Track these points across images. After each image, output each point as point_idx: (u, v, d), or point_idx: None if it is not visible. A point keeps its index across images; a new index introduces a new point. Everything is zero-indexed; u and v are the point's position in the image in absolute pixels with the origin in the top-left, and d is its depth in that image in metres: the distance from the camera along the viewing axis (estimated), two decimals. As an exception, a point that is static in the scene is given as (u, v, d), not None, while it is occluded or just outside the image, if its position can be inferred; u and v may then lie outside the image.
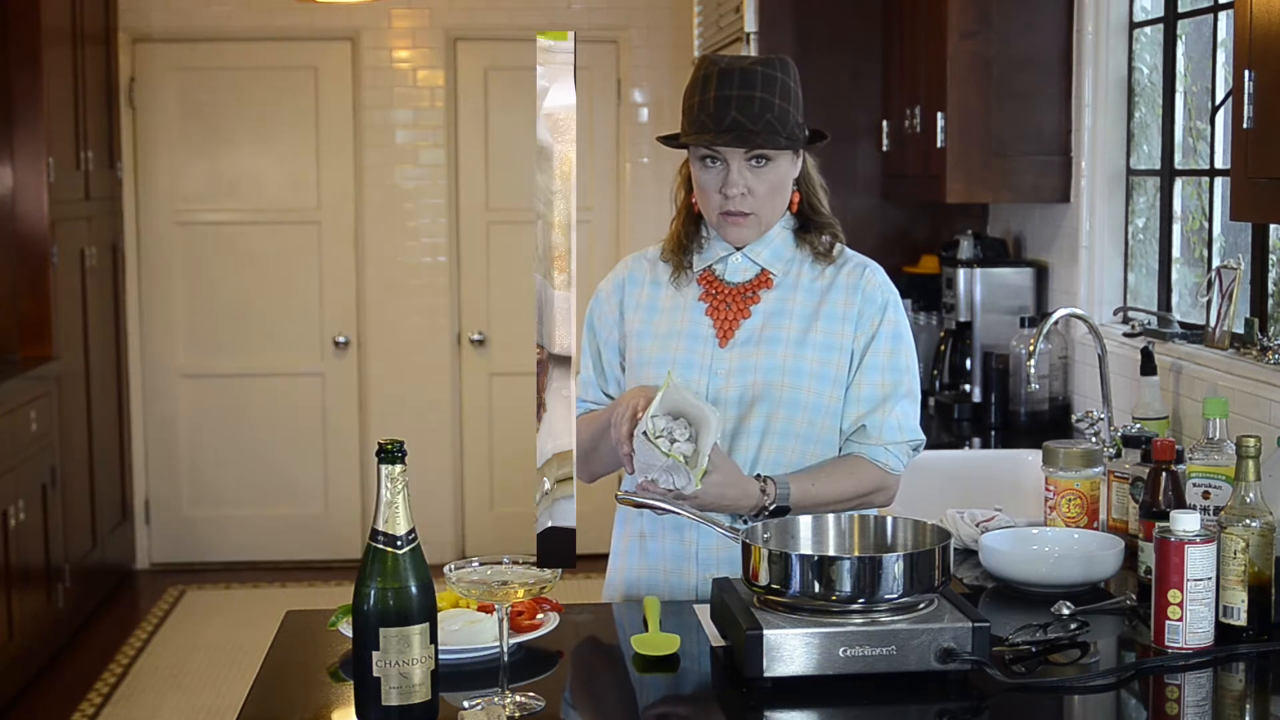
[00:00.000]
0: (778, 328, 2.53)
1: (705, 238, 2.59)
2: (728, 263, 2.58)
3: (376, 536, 1.92)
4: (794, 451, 2.51)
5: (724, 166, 2.48)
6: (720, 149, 2.46)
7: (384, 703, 1.89)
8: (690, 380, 2.51)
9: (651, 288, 2.62)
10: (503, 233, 6.80)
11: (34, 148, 5.51)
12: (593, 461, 2.59)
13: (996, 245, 4.63)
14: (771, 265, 2.56)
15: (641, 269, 2.65)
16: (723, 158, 2.48)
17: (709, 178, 2.51)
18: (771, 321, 2.54)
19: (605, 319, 2.66)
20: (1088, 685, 2.13)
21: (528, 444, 6.85)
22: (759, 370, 2.50)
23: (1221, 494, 2.52)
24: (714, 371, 2.52)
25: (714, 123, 2.45)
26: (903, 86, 4.66)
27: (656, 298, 2.61)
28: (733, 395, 2.51)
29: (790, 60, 2.53)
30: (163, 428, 6.76)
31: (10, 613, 4.97)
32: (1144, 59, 4.11)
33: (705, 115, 2.45)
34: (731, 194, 2.48)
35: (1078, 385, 4.19)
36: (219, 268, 6.72)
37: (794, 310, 2.54)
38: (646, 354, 2.57)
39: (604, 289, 2.69)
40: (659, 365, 2.53)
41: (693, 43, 6.01)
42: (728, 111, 2.44)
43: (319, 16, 6.56)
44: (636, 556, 2.61)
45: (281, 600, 6.04)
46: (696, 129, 2.47)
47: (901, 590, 2.08)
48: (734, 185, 2.47)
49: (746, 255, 2.56)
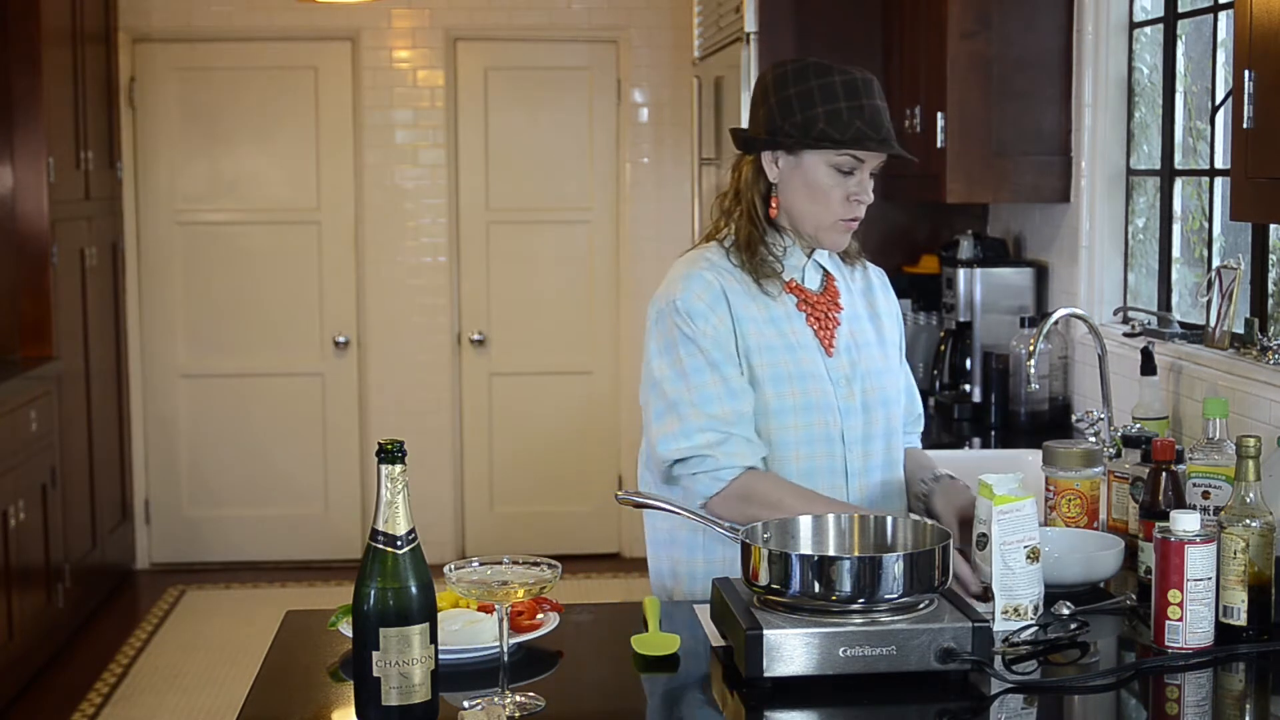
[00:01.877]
0: (861, 331, 2.62)
1: (785, 245, 2.57)
2: (805, 271, 2.60)
3: (376, 536, 1.92)
4: (898, 448, 2.66)
5: (858, 174, 2.51)
6: (865, 156, 2.50)
7: (384, 703, 1.89)
8: (820, 391, 2.54)
9: (747, 298, 2.54)
10: (503, 233, 6.80)
11: (34, 148, 5.51)
12: (766, 517, 2.35)
13: (996, 245, 4.63)
14: (832, 269, 2.64)
15: (727, 277, 2.54)
16: (860, 166, 2.50)
17: (838, 184, 2.50)
18: (854, 326, 2.62)
19: (719, 332, 2.49)
20: (1088, 685, 2.13)
21: (528, 444, 6.86)
22: (868, 376, 2.59)
23: (1221, 494, 2.52)
24: (834, 381, 2.55)
25: (874, 131, 2.48)
26: (903, 86, 4.65)
27: (755, 308, 2.54)
28: (856, 402, 2.56)
29: None
30: (163, 428, 6.76)
31: (10, 613, 4.97)
32: (1144, 59, 4.11)
33: (860, 122, 2.47)
34: (864, 200, 2.52)
35: (1078, 385, 4.19)
36: (219, 268, 6.72)
37: (859, 313, 2.65)
38: (780, 369, 2.51)
39: (699, 302, 2.49)
40: (796, 381, 2.52)
41: (693, 43, 6.01)
42: (882, 121, 2.50)
43: (319, 16, 6.56)
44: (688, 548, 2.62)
45: (281, 600, 6.04)
46: (855, 135, 2.47)
47: (902, 590, 2.08)
48: (867, 192, 2.52)
49: (816, 261, 2.61)
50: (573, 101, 6.79)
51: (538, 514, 6.83)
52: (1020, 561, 2.28)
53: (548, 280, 6.81)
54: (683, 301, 2.50)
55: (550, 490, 6.80)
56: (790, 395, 2.51)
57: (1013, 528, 2.29)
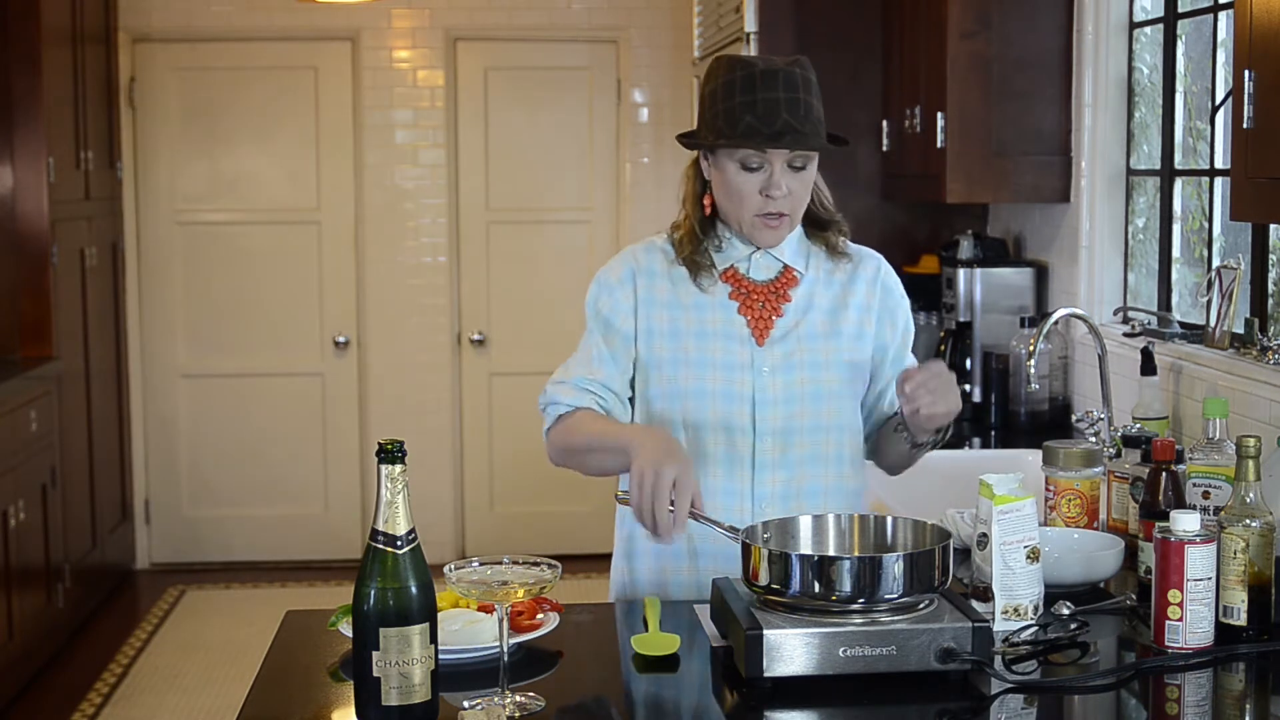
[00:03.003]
0: (812, 323, 2.56)
1: (723, 237, 2.57)
2: (752, 260, 2.57)
3: (376, 536, 1.92)
4: (846, 444, 2.59)
5: (767, 170, 2.46)
6: (767, 152, 2.44)
7: (384, 703, 1.89)
8: (735, 380, 2.52)
9: (670, 283, 2.57)
10: (503, 233, 6.80)
11: (34, 148, 5.51)
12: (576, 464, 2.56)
13: (996, 245, 4.63)
14: (794, 262, 2.58)
15: (655, 262, 2.59)
16: (767, 161, 2.45)
17: (747, 181, 2.47)
18: (805, 318, 2.56)
19: (619, 307, 2.58)
20: (1088, 685, 2.13)
21: (528, 444, 6.83)
22: (804, 366, 2.53)
23: (1221, 494, 2.52)
24: (757, 370, 2.53)
25: (764, 125, 2.42)
26: (903, 86, 4.66)
27: (678, 294, 2.57)
28: (779, 393, 2.52)
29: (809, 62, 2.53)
30: (163, 428, 6.76)
31: (10, 613, 4.97)
32: (1144, 59, 4.11)
33: (752, 117, 2.42)
34: (776, 195, 2.46)
35: (1078, 385, 4.19)
36: (219, 268, 6.72)
37: (821, 305, 2.58)
38: (681, 353, 2.54)
39: (611, 276, 2.61)
40: (698, 366, 2.52)
41: (693, 43, 6.01)
42: (778, 114, 2.41)
43: (319, 16, 6.56)
44: (640, 558, 2.62)
45: (281, 600, 6.04)
46: (744, 132, 2.42)
47: (902, 590, 2.08)
48: (778, 188, 2.46)
49: (769, 253, 2.57)
50: (573, 101, 6.79)
51: (538, 514, 6.83)
52: (1020, 561, 2.28)
53: (548, 280, 6.81)
54: (599, 274, 2.64)
55: (550, 490, 6.79)
56: (690, 379, 2.51)
57: (1013, 528, 2.29)
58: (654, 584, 2.59)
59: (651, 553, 2.59)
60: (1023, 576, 2.28)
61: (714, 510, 2.45)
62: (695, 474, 2.35)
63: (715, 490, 2.52)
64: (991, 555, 2.28)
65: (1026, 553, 2.29)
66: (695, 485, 2.30)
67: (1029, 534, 2.29)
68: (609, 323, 2.60)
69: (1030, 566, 2.29)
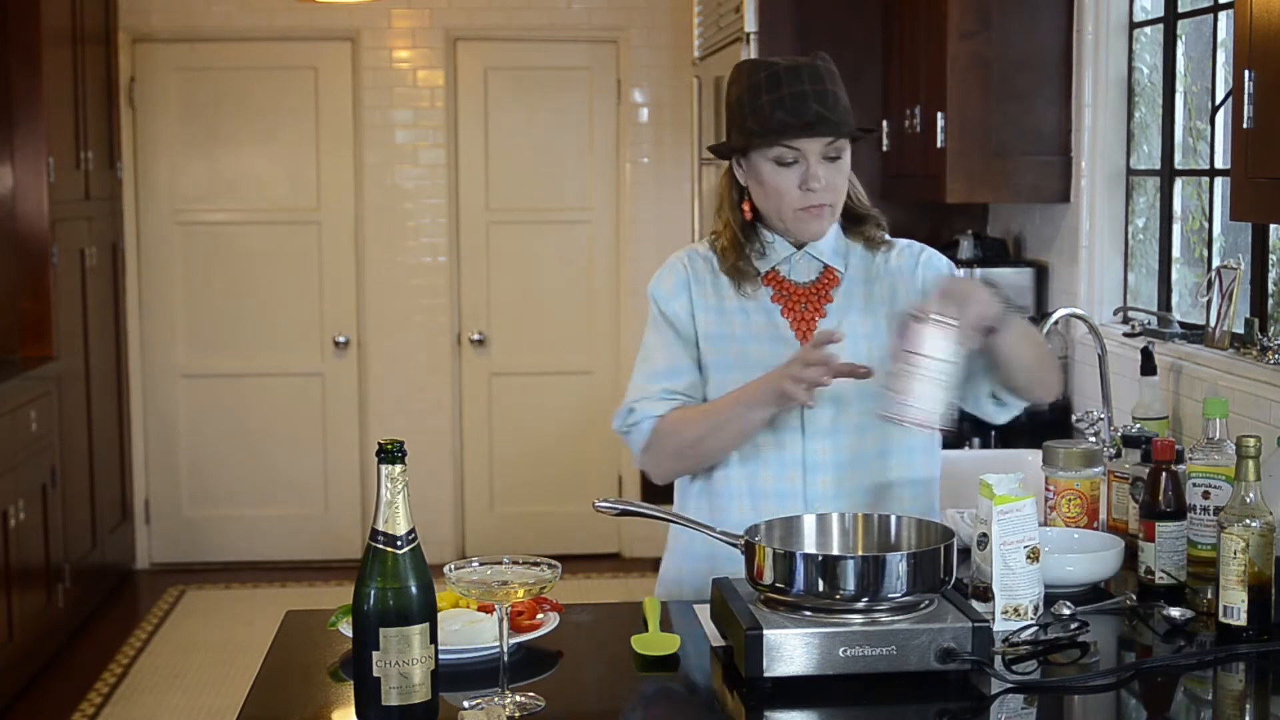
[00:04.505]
0: (853, 324, 2.54)
1: (765, 241, 2.57)
2: (792, 263, 2.57)
3: (376, 536, 1.92)
4: (892, 440, 2.55)
5: (803, 163, 2.47)
6: (800, 145, 2.44)
7: (384, 703, 1.89)
8: None
9: (715, 288, 2.58)
10: (503, 233, 6.80)
11: (34, 148, 5.51)
12: (695, 455, 2.54)
13: (996, 245, 4.63)
14: (834, 261, 2.58)
15: (701, 268, 2.60)
16: (801, 154, 2.46)
17: (785, 177, 2.48)
18: (846, 318, 2.55)
19: (679, 315, 2.58)
20: (1088, 685, 2.13)
21: (528, 444, 6.86)
22: None
23: (1221, 494, 2.52)
24: None
25: (796, 117, 2.43)
26: (903, 86, 4.65)
27: (723, 299, 2.57)
28: (825, 393, 2.49)
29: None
30: (163, 428, 6.76)
31: (10, 613, 4.97)
32: (1144, 59, 4.11)
33: (782, 112, 2.43)
34: (816, 187, 2.47)
35: (1078, 385, 4.19)
36: (219, 268, 6.72)
37: (863, 304, 2.57)
38: (727, 357, 2.54)
39: (665, 286, 2.60)
40: (741, 370, 2.51)
41: (693, 43, 6.01)
42: (808, 106, 2.43)
43: (319, 16, 6.56)
44: (690, 559, 2.61)
45: (281, 600, 6.04)
46: (776, 127, 2.44)
47: (905, 589, 2.08)
48: (816, 179, 2.46)
49: (809, 253, 2.57)
50: (573, 101, 6.79)
51: (538, 514, 6.83)
52: (1020, 561, 2.28)
53: (548, 280, 6.80)
54: (653, 287, 2.63)
55: (550, 490, 6.80)
56: (737, 383, 2.50)
57: (1013, 528, 2.29)
58: (703, 585, 2.55)
59: (703, 555, 2.56)
60: (1023, 576, 2.29)
61: (767, 512, 2.46)
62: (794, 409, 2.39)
63: (768, 492, 2.53)
64: (991, 555, 2.28)
65: (1026, 553, 2.29)
66: (818, 352, 2.34)
67: (1029, 534, 2.29)
68: (680, 331, 2.59)
69: (1030, 566, 2.29)
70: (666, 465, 2.58)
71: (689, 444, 2.53)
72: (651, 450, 2.57)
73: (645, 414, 2.55)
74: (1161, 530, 2.52)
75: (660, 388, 2.56)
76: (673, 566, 2.67)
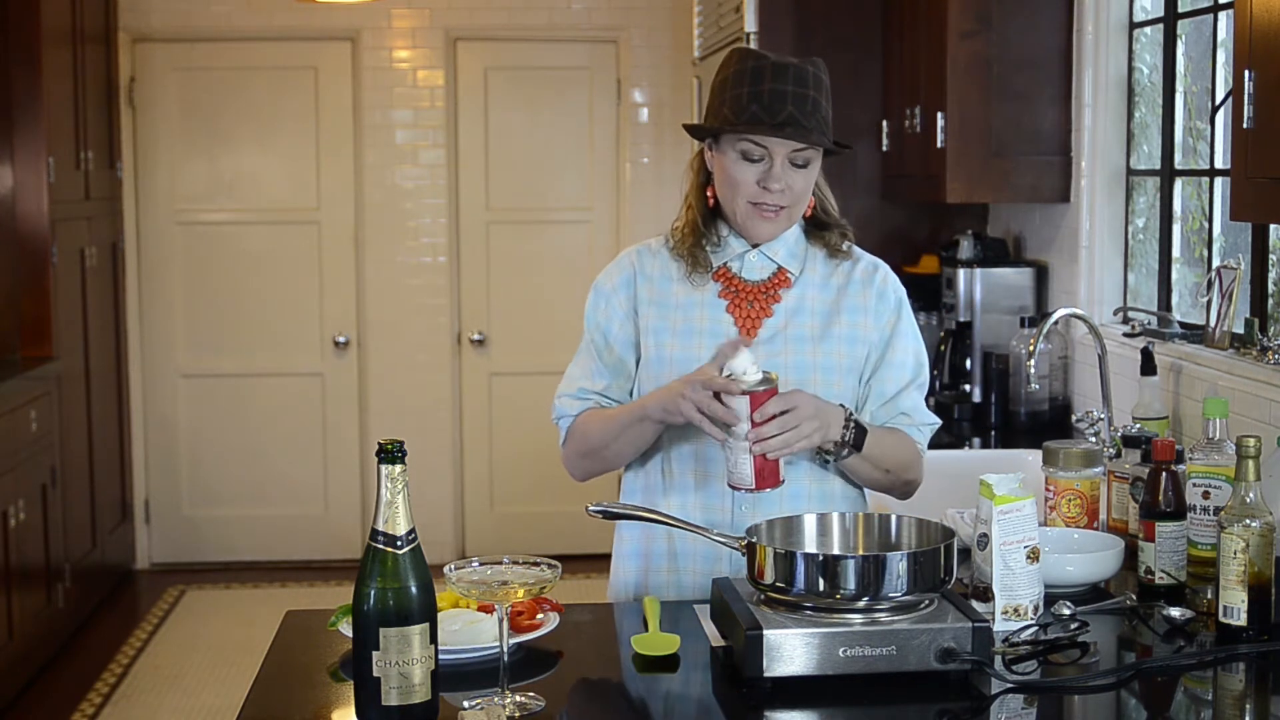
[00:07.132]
0: (801, 325, 2.53)
1: (721, 235, 2.56)
2: (745, 260, 2.56)
3: (376, 536, 1.92)
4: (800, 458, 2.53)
5: (767, 161, 2.45)
6: (767, 143, 2.43)
7: (384, 703, 1.89)
8: None
9: (663, 283, 2.58)
10: (503, 233, 6.80)
11: (34, 148, 5.51)
12: (600, 458, 2.59)
13: (996, 245, 4.63)
14: (788, 263, 2.56)
15: (649, 263, 2.60)
16: (768, 152, 2.44)
17: (746, 171, 2.46)
18: (794, 319, 2.54)
19: (614, 314, 2.59)
20: (1088, 685, 2.13)
21: (528, 444, 6.86)
22: (789, 368, 2.49)
23: (1221, 494, 2.52)
24: None
25: (769, 115, 2.41)
26: (903, 86, 4.66)
27: (669, 293, 2.57)
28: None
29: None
30: (163, 428, 6.76)
31: (10, 613, 4.97)
32: (1144, 59, 4.11)
33: (758, 107, 2.41)
34: (774, 188, 2.45)
35: (1078, 385, 4.19)
36: (219, 268, 6.72)
37: (814, 307, 2.55)
38: (667, 350, 2.53)
39: (607, 283, 2.62)
40: (683, 364, 2.49)
41: (693, 43, 6.01)
42: (783, 106, 2.41)
43: (319, 16, 6.56)
44: (624, 559, 2.63)
45: (281, 600, 6.04)
46: (748, 119, 2.42)
47: (906, 589, 2.08)
48: (776, 180, 2.44)
49: (764, 253, 2.55)
50: (573, 101, 6.79)
51: (538, 514, 6.83)
52: (1020, 561, 2.28)
53: (548, 280, 6.81)
54: (598, 280, 2.65)
55: (550, 490, 6.79)
56: (668, 379, 2.49)
57: (1013, 528, 2.29)
58: (637, 585, 2.60)
59: (634, 554, 2.61)
60: (1023, 576, 2.29)
61: (694, 510, 2.48)
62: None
63: (696, 489, 2.53)
64: (991, 555, 2.28)
65: (1026, 553, 2.29)
66: (709, 371, 2.34)
67: (1029, 534, 2.29)
68: (606, 332, 2.61)
69: (1030, 566, 2.29)
70: (576, 464, 2.64)
71: (594, 447, 2.57)
72: (566, 448, 2.63)
73: (563, 411, 2.61)
74: (1161, 530, 2.52)
75: (578, 386, 2.61)
76: (617, 569, 2.68)
